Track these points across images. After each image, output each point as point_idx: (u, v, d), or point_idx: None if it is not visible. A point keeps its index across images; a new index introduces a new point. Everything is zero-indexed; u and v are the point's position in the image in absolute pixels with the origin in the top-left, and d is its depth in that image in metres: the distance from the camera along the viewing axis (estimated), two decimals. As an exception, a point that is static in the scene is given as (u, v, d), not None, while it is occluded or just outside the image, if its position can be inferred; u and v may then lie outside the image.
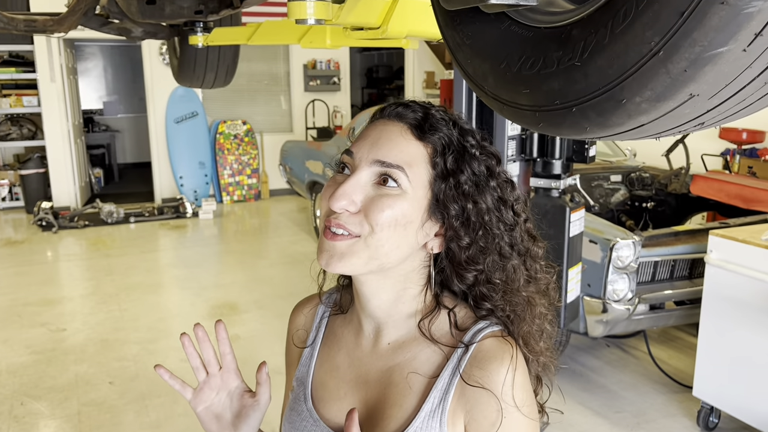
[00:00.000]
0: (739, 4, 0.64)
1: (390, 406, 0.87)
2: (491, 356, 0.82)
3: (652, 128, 0.82)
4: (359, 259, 0.81)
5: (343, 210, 0.80)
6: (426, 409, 0.83)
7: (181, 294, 5.14)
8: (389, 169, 0.81)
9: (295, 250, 6.31)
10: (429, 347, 0.87)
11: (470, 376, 0.82)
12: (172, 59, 3.50)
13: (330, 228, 0.81)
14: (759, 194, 4.01)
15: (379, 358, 0.91)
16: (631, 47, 0.73)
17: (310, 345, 1.00)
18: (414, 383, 0.86)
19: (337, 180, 0.84)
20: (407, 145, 0.83)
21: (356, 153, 0.84)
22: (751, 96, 0.76)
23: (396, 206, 0.81)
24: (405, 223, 0.82)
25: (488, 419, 0.80)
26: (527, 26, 0.92)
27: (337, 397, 0.93)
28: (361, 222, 0.80)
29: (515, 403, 0.80)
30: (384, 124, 0.85)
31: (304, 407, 0.95)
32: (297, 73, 8.90)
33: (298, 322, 1.06)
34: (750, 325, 2.82)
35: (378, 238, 0.80)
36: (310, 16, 1.34)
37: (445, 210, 0.83)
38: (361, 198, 0.81)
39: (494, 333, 0.85)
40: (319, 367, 0.97)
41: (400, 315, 0.89)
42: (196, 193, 8.28)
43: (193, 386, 0.99)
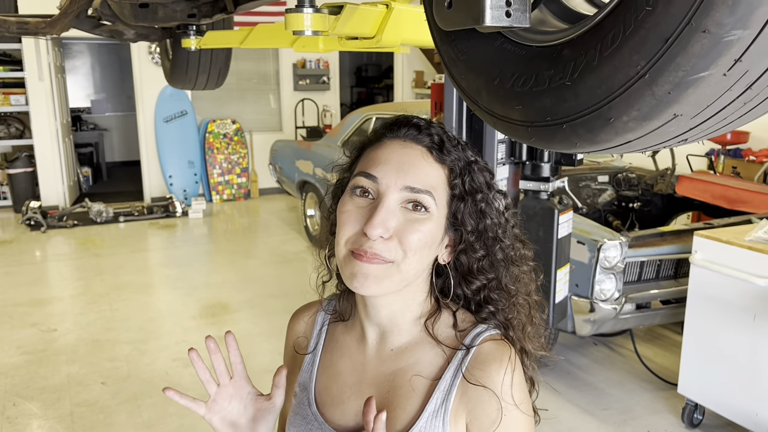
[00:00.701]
0: (720, 33, 0.68)
1: (394, 409, 0.91)
2: (491, 358, 0.87)
3: (638, 144, 0.86)
4: (392, 282, 0.85)
5: (377, 237, 0.83)
6: (429, 409, 0.88)
7: (172, 294, 5.15)
8: (419, 195, 0.85)
9: (285, 250, 6.33)
10: (431, 351, 0.92)
11: (471, 376, 0.87)
12: (164, 61, 3.52)
13: (361, 254, 0.83)
14: (742, 195, 4.09)
15: (382, 363, 0.94)
16: (619, 70, 0.77)
17: (312, 352, 1.03)
18: (417, 385, 0.90)
19: (359, 204, 0.86)
20: (430, 169, 0.87)
21: (381, 178, 0.85)
22: (731, 115, 0.80)
23: (426, 230, 0.85)
24: (431, 244, 0.87)
25: (489, 417, 0.85)
26: (520, 44, 0.96)
27: (340, 401, 0.97)
28: (396, 248, 0.83)
29: (514, 402, 0.85)
30: (402, 147, 0.88)
31: (309, 411, 0.98)
32: (286, 72, 8.91)
33: (298, 330, 1.09)
34: (734, 324, 2.88)
35: (409, 262, 0.84)
36: (308, 27, 1.37)
37: (462, 227, 0.88)
38: (394, 224, 0.84)
39: (493, 336, 0.90)
40: (321, 373, 1.01)
41: (405, 321, 0.93)
42: (186, 192, 8.27)
43: (192, 395, 1.02)
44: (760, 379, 2.79)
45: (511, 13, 0.84)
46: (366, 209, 0.85)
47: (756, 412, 2.82)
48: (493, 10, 0.83)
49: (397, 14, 1.59)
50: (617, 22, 0.77)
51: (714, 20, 0.67)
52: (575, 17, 1.01)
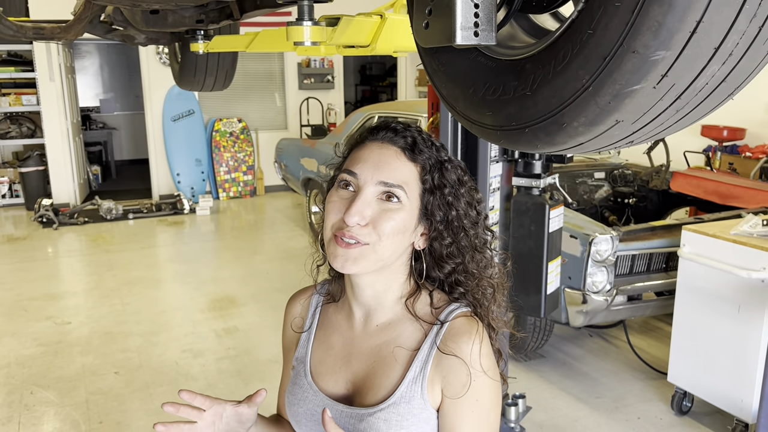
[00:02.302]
0: (646, 53, 0.81)
1: (379, 376, 1.05)
2: (462, 331, 1.01)
3: (590, 146, 0.99)
4: (368, 261, 0.99)
5: (355, 224, 0.97)
6: (409, 376, 1.02)
7: (181, 288, 5.30)
8: (392, 189, 0.99)
9: (290, 246, 6.47)
10: (411, 326, 1.06)
11: (445, 347, 1.01)
12: (173, 64, 3.66)
13: (342, 238, 0.98)
14: (734, 190, 4.20)
15: (368, 337, 1.09)
16: (569, 82, 0.91)
17: (307, 330, 1.18)
18: (399, 356, 1.04)
19: (342, 196, 1.01)
20: (403, 166, 1.01)
21: (360, 174, 1.00)
22: (668, 120, 0.94)
23: (398, 218, 0.99)
24: (404, 230, 1.01)
25: (460, 382, 0.99)
26: (491, 58, 1.09)
27: (333, 371, 1.11)
28: (370, 233, 0.98)
29: (482, 369, 0.99)
30: (380, 147, 1.02)
31: (305, 381, 1.12)
32: (291, 71, 9.04)
33: (295, 311, 1.22)
34: (720, 315, 3.00)
35: (383, 244, 0.99)
36: (307, 39, 1.50)
37: (432, 217, 1.02)
38: (370, 213, 0.98)
39: (464, 313, 1.05)
40: (316, 348, 1.15)
41: (387, 301, 1.07)
42: (193, 189, 8.43)
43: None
44: (744, 368, 2.91)
45: (479, 33, 0.97)
46: (348, 200, 1.00)
47: (741, 398, 2.94)
48: (462, 31, 0.96)
49: (390, 24, 1.72)
50: (567, 42, 0.90)
51: (641, 43, 0.81)
52: (542, 33, 1.14)
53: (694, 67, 0.83)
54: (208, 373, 3.76)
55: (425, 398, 1.00)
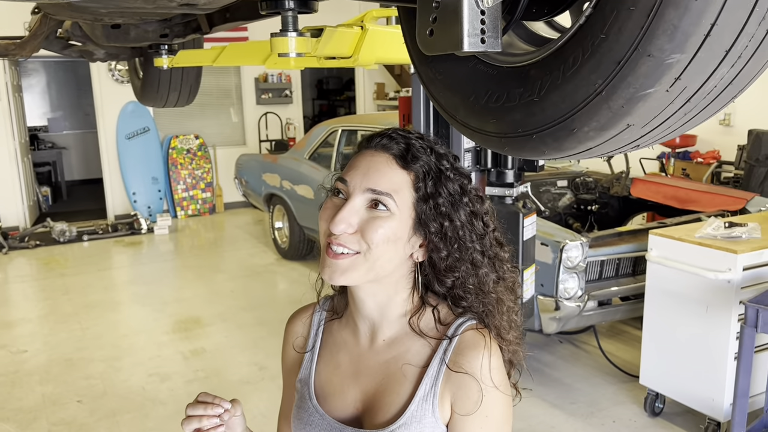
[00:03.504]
0: (661, 56, 0.82)
1: (388, 394, 1.01)
2: (470, 345, 0.98)
3: (597, 150, 0.99)
4: (358, 272, 0.95)
5: (342, 232, 0.94)
6: (420, 394, 0.98)
7: (143, 310, 5.14)
8: (379, 196, 0.95)
9: (253, 263, 6.37)
10: (419, 341, 1.02)
11: (454, 363, 0.97)
12: (134, 79, 3.57)
13: (331, 246, 0.95)
14: (692, 195, 4.32)
15: (375, 353, 1.05)
16: (580, 87, 0.90)
17: (310, 349, 1.13)
18: (408, 373, 1.01)
19: (334, 202, 0.98)
20: (393, 174, 0.97)
21: (350, 181, 0.97)
22: (675, 123, 0.94)
23: (387, 226, 0.95)
24: (395, 240, 0.96)
25: (471, 399, 0.96)
26: (492, 65, 1.09)
27: (340, 390, 1.06)
28: (359, 241, 0.94)
29: (493, 384, 0.96)
30: (372, 154, 0.98)
31: (310, 404, 1.07)
32: (248, 86, 8.95)
33: (296, 330, 1.17)
34: (688, 315, 3.07)
35: (374, 253, 0.95)
36: (292, 50, 1.47)
37: (425, 227, 0.98)
38: (357, 221, 0.95)
39: (472, 326, 1.01)
40: (322, 368, 1.10)
41: (392, 315, 1.03)
42: (150, 208, 8.23)
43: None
44: (714, 367, 2.98)
45: (486, 40, 0.96)
46: (338, 208, 0.97)
47: (712, 398, 3.00)
48: (469, 38, 0.95)
49: (371, 35, 1.71)
50: (577, 47, 0.90)
51: (656, 46, 0.81)
52: (539, 41, 1.14)
53: (706, 70, 0.84)
54: (177, 397, 3.64)
55: (436, 416, 0.97)
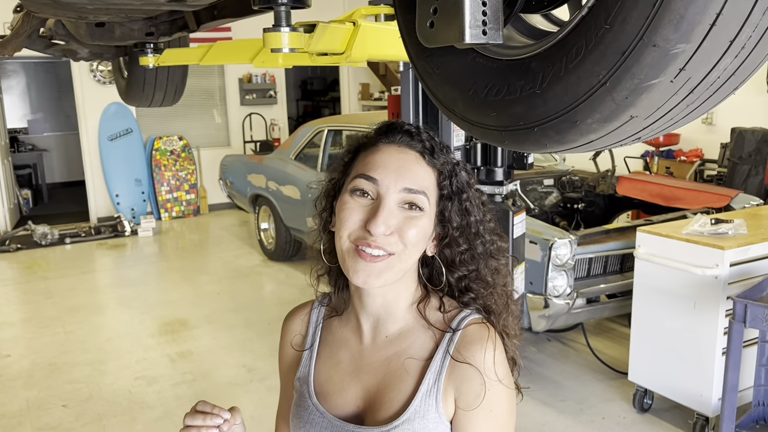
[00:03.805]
0: (667, 47, 0.81)
1: (390, 390, 0.99)
2: (475, 338, 0.97)
3: (599, 143, 0.99)
4: (392, 273, 0.94)
5: (381, 234, 0.92)
6: (423, 389, 0.96)
7: (128, 313, 5.08)
8: (416, 196, 0.95)
9: (239, 264, 6.32)
10: (422, 335, 1.01)
11: (459, 355, 0.96)
12: (119, 79, 3.52)
13: (364, 249, 0.92)
14: (677, 192, 4.36)
15: (377, 350, 1.03)
16: (583, 79, 0.89)
17: (309, 347, 1.10)
18: (410, 368, 0.99)
19: (360, 203, 0.95)
20: (423, 172, 0.97)
21: (381, 180, 0.94)
22: (677, 115, 0.94)
23: (421, 225, 0.95)
24: (425, 237, 0.97)
25: (474, 392, 0.94)
26: (491, 58, 1.08)
27: (340, 388, 1.04)
28: (396, 242, 0.93)
29: (497, 377, 0.95)
30: (399, 151, 0.97)
31: (310, 403, 1.05)
32: (232, 87, 8.90)
33: (294, 328, 1.15)
34: (676, 311, 3.09)
35: (408, 253, 0.95)
36: (285, 45, 1.46)
37: (448, 223, 0.98)
38: (395, 222, 0.93)
39: (477, 320, 1.00)
40: (322, 365, 1.08)
41: (398, 309, 1.02)
42: (134, 210, 8.14)
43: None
44: (702, 362, 3.00)
45: (487, 32, 0.95)
46: (367, 208, 0.94)
47: (701, 393, 3.02)
48: (471, 29, 0.94)
49: (363, 31, 1.70)
50: (580, 38, 0.89)
51: (662, 36, 0.80)
52: (538, 34, 1.13)
53: (710, 60, 0.84)
54: (164, 400, 3.60)
55: (440, 411, 0.96)
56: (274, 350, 4.19)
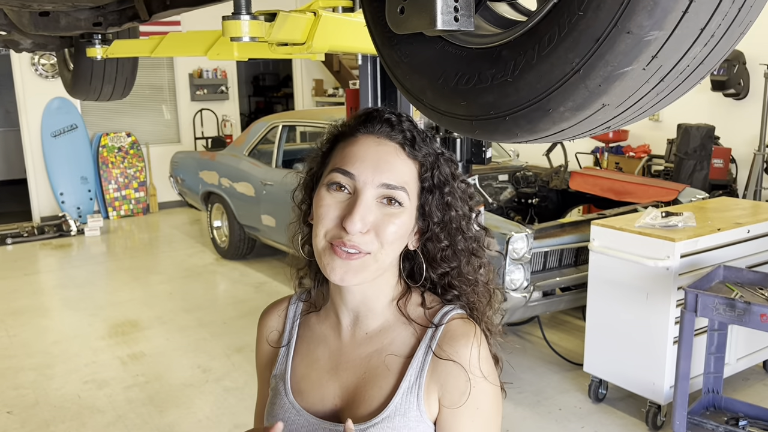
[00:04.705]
0: (640, 33, 0.81)
1: (370, 388, 0.96)
2: (459, 334, 0.94)
3: (570, 132, 0.99)
4: (369, 272, 0.90)
5: (357, 231, 0.88)
6: (404, 386, 0.93)
7: (76, 315, 4.90)
8: (394, 191, 0.90)
9: (192, 263, 6.18)
10: (404, 331, 0.98)
11: (442, 351, 0.93)
12: (64, 72, 3.39)
13: (341, 248, 0.88)
14: (627, 187, 4.46)
15: (357, 346, 0.99)
16: (556, 66, 0.89)
17: (286, 344, 1.06)
18: (391, 364, 0.96)
19: (336, 198, 0.90)
20: (403, 165, 0.92)
21: (359, 175, 0.90)
22: (647, 104, 0.94)
23: (399, 222, 0.91)
24: (405, 234, 0.93)
25: (459, 389, 0.91)
26: (460, 47, 1.06)
27: (318, 386, 1.00)
28: (372, 240, 0.89)
29: (482, 374, 0.92)
30: (377, 144, 0.92)
31: (286, 400, 1.01)
32: (182, 82, 8.70)
33: (270, 324, 1.10)
34: (629, 303, 3.16)
35: (386, 252, 0.91)
36: (245, 34, 1.41)
37: (429, 217, 0.94)
38: (372, 218, 0.89)
39: (460, 315, 0.97)
40: (299, 363, 1.04)
41: (378, 305, 0.98)
42: (80, 209, 7.87)
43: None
44: (654, 352, 3.08)
45: (459, 18, 0.94)
46: (344, 204, 0.90)
47: (653, 381, 3.10)
48: (443, 15, 0.93)
49: (325, 21, 1.67)
50: (552, 25, 0.89)
51: (636, 23, 0.80)
52: (505, 23, 1.12)
53: (681, 48, 0.84)
54: (116, 403, 3.48)
55: (422, 409, 0.93)
56: (229, 350, 4.13)
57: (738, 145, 5.64)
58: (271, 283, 5.51)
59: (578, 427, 3.20)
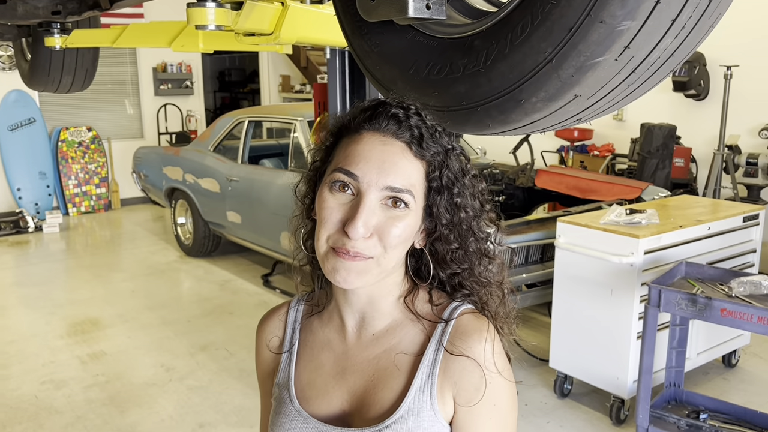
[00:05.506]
0: (613, 23, 0.81)
1: (380, 390, 0.92)
2: (471, 329, 0.91)
3: (542, 123, 0.98)
4: (372, 275, 0.87)
5: (360, 237, 0.84)
6: (416, 385, 0.90)
7: (33, 314, 4.76)
8: (399, 194, 0.85)
9: (155, 261, 6.06)
10: (412, 329, 0.94)
11: (454, 347, 0.90)
12: (21, 62, 3.28)
13: (344, 253, 0.85)
14: (592, 185, 4.52)
15: (364, 348, 0.96)
16: (529, 56, 0.88)
17: (288, 350, 1.02)
18: (401, 364, 0.93)
19: (339, 200, 0.87)
20: (410, 166, 0.87)
21: (362, 177, 0.85)
22: (618, 96, 0.94)
23: (403, 225, 0.87)
24: (410, 237, 0.89)
25: (474, 385, 0.88)
26: (431, 37, 1.05)
27: (324, 392, 0.97)
28: (376, 245, 0.85)
29: (497, 369, 0.89)
30: (383, 143, 0.87)
31: (291, 408, 0.97)
32: (146, 76, 8.52)
33: (271, 330, 1.06)
34: (593, 298, 3.20)
35: (389, 257, 0.87)
36: (211, 22, 1.38)
37: (437, 219, 0.90)
38: (375, 221, 0.85)
39: (470, 310, 0.94)
40: (303, 369, 1.00)
41: (385, 305, 0.95)
42: (38, 206, 7.65)
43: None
44: (618, 347, 3.12)
45: (431, 6, 0.93)
46: (347, 206, 0.86)
47: (617, 376, 3.14)
48: (415, 3, 0.91)
49: (293, 12, 1.63)
50: (525, 14, 0.88)
51: (609, 12, 0.80)
52: (476, 13, 1.11)
53: (653, 39, 0.84)
54: (75, 404, 3.39)
55: (435, 408, 0.89)
56: (193, 348, 4.06)
57: (698, 145, 5.77)
58: (236, 280, 5.44)
59: (544, 422, 3.22)
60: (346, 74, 2.61)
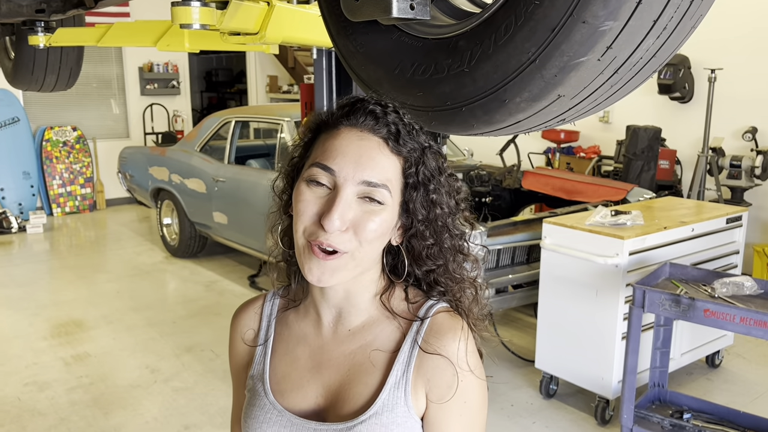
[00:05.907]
0: (595, 23, 0.81)
1: (355, 385, 0.93)
2: (446, 327, 0.92)
3: (526, 124, 0.99)
4: (348, 271, 0.88)
5: (335, 230, 0.85)
6: (391, 381, 0.91)
7: (16, 315, 4.71)
8: (375, 189, 0.86)
9: (141, 262, 6.02)
10: (388, 326, 0.95)
11: (428, 345, 0.91)
12: (4, 60, 3.24)
13: (319, 247, 0.86)
14: (578, 186, 4.55)
15: (340, 343, 0.96)
16: (513, 56, 0.88)
17: (263, 343, 1.02)
18: (377, 360, 0.94)
19: (316, 194, 0.87)
20: (387, 161, 0.88)
21: (339, 172, 0.86)
22: (601, 96, 0.95)
23: (380, 220, 0.87)
24: (386, 232, 0.90)
25: (446, 382, 0.90)
26: (416, 37, 1.05)
27: (299, 385, 0.97)
28: (350, 239, 0.86)
29: (469, 368, 0.90)
30: (360, 138, 0.88)
31: (266, 401, 0.97)
32: (132, 75, 8.47)
33: (245, 323, 1.06)
34: (579, 299, 3.21)
35: (364, 251, 0.88)
36: (196, 21, 1.37)
37: (413, 215, 0.91)
38: (351, 216, 0.86)
39: (445, 308, 0.95)
40: (278, 362, 1.00)
41: (361, 301, 0.95)
42: (21, 206, 7.57)
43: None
44: (603, 348, 3.14)
45: (415, 6, 0.93)
46: (323, 199, 0.87)
47: (602, 377, 3.16)
48: (399, 3, 0.91)
49: (278, 12, 1.63)
50: (509, 15, 0.88)
51: (591, 12, 0.80)
52: (460, 14, 1.12)
53: (635, 39, 0.85)
54: (58, 406, 3.36)
55: (409, 405, 0.91)
56: (178, 350, 4.03)
57: (683, 147, 5.82)
58: (222, 281, 5.41)
59: (529, 422, 3.23)
60: (333, 74, 2.61)
